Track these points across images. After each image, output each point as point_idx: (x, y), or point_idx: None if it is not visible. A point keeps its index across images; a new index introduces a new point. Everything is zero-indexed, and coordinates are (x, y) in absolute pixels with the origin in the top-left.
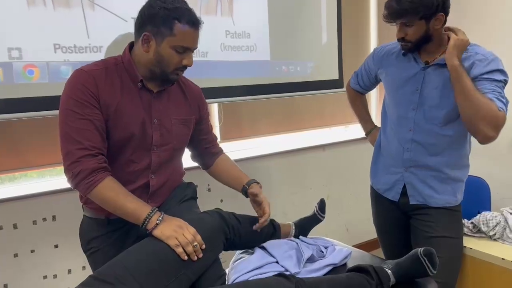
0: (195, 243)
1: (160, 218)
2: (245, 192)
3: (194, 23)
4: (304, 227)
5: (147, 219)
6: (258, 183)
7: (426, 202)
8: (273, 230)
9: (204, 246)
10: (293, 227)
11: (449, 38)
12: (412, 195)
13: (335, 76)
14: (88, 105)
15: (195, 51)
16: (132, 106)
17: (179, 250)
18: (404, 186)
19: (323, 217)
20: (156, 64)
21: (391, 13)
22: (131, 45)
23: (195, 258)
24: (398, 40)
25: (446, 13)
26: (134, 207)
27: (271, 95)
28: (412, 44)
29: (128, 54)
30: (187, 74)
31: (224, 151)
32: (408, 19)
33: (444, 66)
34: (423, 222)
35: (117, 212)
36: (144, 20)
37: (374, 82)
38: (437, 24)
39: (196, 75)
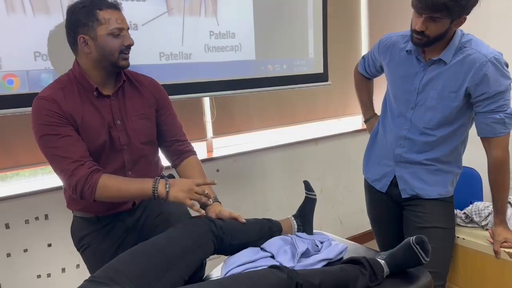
0: (205, 192)
1: (167, 185)
2: (204, 207)
3: (114, 5)
4: (303, 215)
5: (155, 191)
6: (219, 201)
7: (418, 195)
8: (270, 224)
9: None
10: (293, 219)
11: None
12: (404, 189)
13: (320, 70)
14: (61, 125)
15: (178, 52)
16: (95, 116)
17: (195, 208)
18: (394, 177)
19: (315, 195)
20: (101, 58)
21: (426, 5)
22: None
23: (210, 201)
24: (416, 32)
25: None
26: (137, 187)
27: (257, 89)
28: (429, 39)
29: (77, 67)
30: (171, 76)
31: (195, 153)
32: (439, 15)
33: (445, 63)
34: (414, 213)
35: (126, 198)
36: (73, 28)
37: (380, 70)
38: (458, 25)
39: (181, 77)
